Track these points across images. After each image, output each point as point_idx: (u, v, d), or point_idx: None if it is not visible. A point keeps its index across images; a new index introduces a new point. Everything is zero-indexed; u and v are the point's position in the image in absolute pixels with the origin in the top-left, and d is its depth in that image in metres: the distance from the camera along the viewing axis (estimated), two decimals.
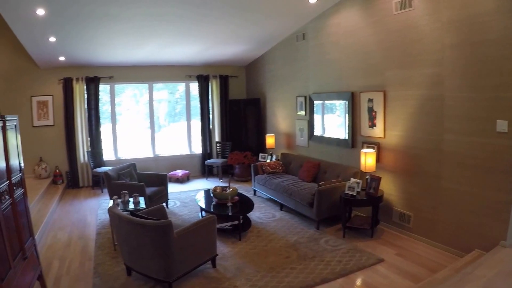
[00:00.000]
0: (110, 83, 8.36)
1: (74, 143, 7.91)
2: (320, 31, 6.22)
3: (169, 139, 9.28)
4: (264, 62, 8.51)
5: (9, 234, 2.81)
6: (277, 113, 8.15)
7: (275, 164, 6.76)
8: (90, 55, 7.24)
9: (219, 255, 4.23)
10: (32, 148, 7.71)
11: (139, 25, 5.88)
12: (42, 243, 4.85)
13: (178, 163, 8.99)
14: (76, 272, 3.99)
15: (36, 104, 7.77)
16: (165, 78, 8.86)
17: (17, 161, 3.32)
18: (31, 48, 6.27)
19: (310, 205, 5.06)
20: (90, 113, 8.01)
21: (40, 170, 7.66)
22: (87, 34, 5.97)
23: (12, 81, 7.56)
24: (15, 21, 4.88)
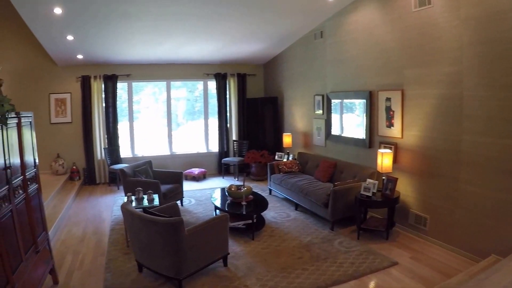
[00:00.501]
0: (127, 81, 8.52)
1: (91, 140, 8.11)
2: (338, 29, 6.16)
3: (187, 137, 9.38)
4: (282, 60, 8.50)
5: (21, 228, 2.92)
6: (294, 112, 8.12)
7: (292, 164, 6.74)
8: (108, 53, 7.40)
9: (231, 254, 4.26)
10: (50, 144, 7.97)
11: (156, 24, 5.98)
12: (57, 237, 5.00)
13: (195, 161, 9.09)
14: (88, 267, 4.09)
15: (54, 102, 8.00)
16: (183, 76, 8.96)
17: (32, 157, 3.44)
18: (49, 46, 6.47)
19: (325, 205, 5.03)
20: (108, 110, 8.19)
21: (57, 166, 7.89)
22: (104, 32, 6.11)
23: (30, 79, 7.81)
24: (33, 20, 5.05)
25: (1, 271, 2.44)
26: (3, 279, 2.45)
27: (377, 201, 4.54)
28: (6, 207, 2.68)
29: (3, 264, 2.47)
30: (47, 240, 3.56)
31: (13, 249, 2.72)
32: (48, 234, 3.62)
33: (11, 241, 2.69)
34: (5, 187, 2.71)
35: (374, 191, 4.56)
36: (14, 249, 2.74)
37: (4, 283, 2.45)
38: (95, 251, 4.55)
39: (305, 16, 6.23)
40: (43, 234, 3.48)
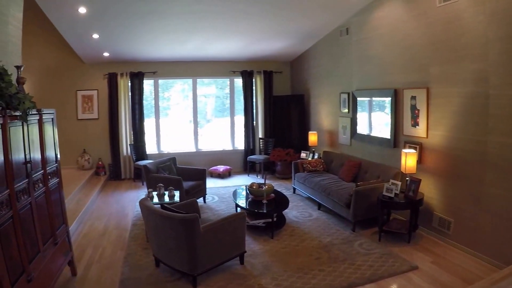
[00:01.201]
0: (154, 78, 8.76)
1: (118, 136, 8.41)
2: (363, 26, 6.07)
3: (214, 134, 9.54)
4: (309, 57, 8.46)
5: (40, 220, 3.09)
6: (320, 109, 8.07)
7: (316, 162, 6.71)
8: (133, 51, 7.64)
9: (248, 252, 4.32)
10: (76, 140, 8.37)
11: (179, 22, 6.12)
12: (79, 231, 5.24)
13: (220, 159, 9.22)
14: (107, 260, 4.26)
15: (81, 98, 8.37)
16: (209, 74, 9.10)
17: (53, 153, 3.62)
18: (76, 44, 6.77)
19: (347, 205, 4.98)
20: (134, 107, 8.45)
21: (83, 161, 8.25)
22: (128, 31, 6.32)
23: (58, 76, 8.20)
24: (58, 20, 5.31)
25: (18, 260, 2.61)
26: (20, 268, 2.61)
27: (399, 202, 4.44)
28: (26, 200, 2.85)
29: (20, 254, 2.63)
30: (67, 232, 3.75)
31: (31, 240, 2.89)
32: (67, 227, 3.80)
33: (29, 232, 2.86)
34: (24, 180, 2.88)
35: (397, 192, 4.47)
36: (32, 240, 2.91)
37: (20, 272, 2.61)
38: (115, 245, 4.73)
39: (330, 12, 6.18)
40: (63, 227, 3.67)
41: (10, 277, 2.43)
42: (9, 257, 2.47)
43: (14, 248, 2.57)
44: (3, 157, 2.53)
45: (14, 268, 2.52)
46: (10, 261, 2.48)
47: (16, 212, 2.64)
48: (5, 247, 2.43)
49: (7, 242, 2.47)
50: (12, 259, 2.51)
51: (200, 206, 6.36)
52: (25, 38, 7.45)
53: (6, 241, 2.45)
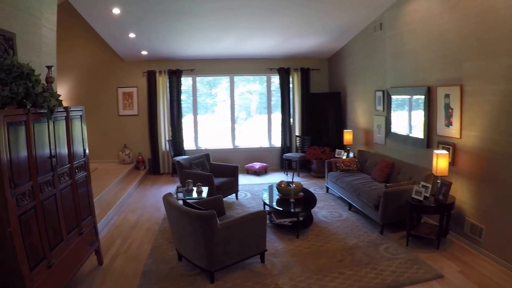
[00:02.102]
0: (192, 76, 9.04)
1: (156, 132, 8.78)
2: (397, 20, 5.88)
3: (251, 131, 9.68)
4: (345, 54, 8.34)
5: (65, 211, 3.33)
6: (356, 108, 7.94)
7: (350, 162, 6.60)
8: (170, 49, 7.92)
9: (271, 251, 4.38)
10: (117, 135, 8.88)
11: (214, 19, 6.27)
12: (112, 222, 5.56)
13: (256, 156, 9.33)
14: (133, 252, 4.50)
15: (122, 95, 8.84)
16: (246, 71, 9.22)
17: (81, 148, 3.86)
18: (114, 43, 7.16)
19: (376, 207, 4.87)
20: (172, 104, 8.77)
21: (124, 156, 8.71)
22: (164, 29, 6.58)
23: (100, 73, 8.72)
24: (94, 20, 5.66)
25: (39, 247, 2.85)
26: (40, 254, 2.85)
27: (428, 206, 4.25)
28: (50, 191, 3.10)
29: (41, 241, 2.88)
30: (93, 223, 4.01)
31: (54, 229, 3.14)
32: (94, 218, 4.06)
33: (52, 222, 3.11)
34: (49, 173, 3.13)
35: (427, 195, 4.29)
36: (55, 229, 3.16)
37: (41, 258, 2.86)
38: (144, 237, 4.97)
39: (364, 6, 6.05)
40: (89, 218, 3.92)
41: (29, 261, 2.67)
42: (30, 244, 2.71)
43: (35, 236, 2.81)
44: (26, 151, 2.79)
45: (34, 254, 2.76)
46: (31, 247, 2.72)
47: (38, 203, 2.88)
48: (26, 234, 2.67)
49: (28, 229, 2.71)
50: (32, 245, 2.75)
51: (232, 202, 6.52)
52: (69, 37, 8.11)
53: (26, 228, 2.69)
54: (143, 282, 3.76)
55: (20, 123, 2.73)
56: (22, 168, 2.72)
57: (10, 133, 2.58)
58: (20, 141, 2.71)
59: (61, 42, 8.18)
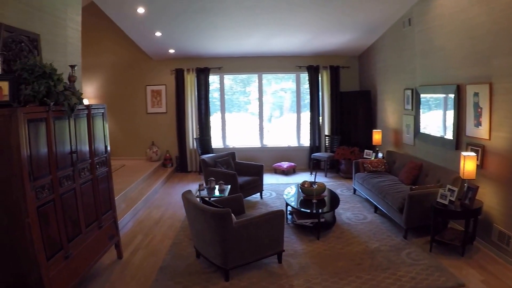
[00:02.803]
0: (219, 74, 9.20)
1: (184, 130, 9.01)
2: (425, 15, 5.72)
3: (280, 130, 9.71)
4: (374, 51, 8.22)
5: (84, 205, 3.53)
6: (386, 107, 7.80)
7: (378, 163, 6.50)
8: (197, 47, 8.09)
9: (290, 251, 4.42)
10: (145, 133, 9.19)
11: (240, 17, 6.37)
12: (136, 218, 5.79)
13: (285, 155, 9.36)
14: (153, 248, 4.67)
15: (150, 93, 9.14)
16: (274, 69, 9.26)
17: (103, 145, 4.04)
18: (141, 42, 7.42)
19: (400, 210, 4.78)
20: (200, 102, 8.96)
21: (151, 153, 9.00)
22: (190, 28, 6.73)
23: (129, 72, 9.06)
24: (121, 20, 5.90)
25: (57, 238, 3.05)
26: (58, 245, 3.05)
27: (453, 211, 4.12)
28: (70, 185, 3.29)
29: (59, 232, 3.08)
30: (114, 218, 4.20)
31: (73, 222, 3.33)
32: (115, 213, 4.25)
33: (71, 214, 3.30)
34: (69, 168, 3.33)
35: (452, 199, 4.17)
36: (74, 221, 3.35)
37: (58, 249, 3.05)
38: (165, 233, 5.14)
39: (392, 1, 5.93)
40: (110, 212, 4.11)
41: (46, 251, 2.87)
42: (47, 235, 2.91)
43: (53, 227, 3.01)
44: (46, 147, 2.99)
45: (51, 244, 2.96)
46: (48, 238, 2.92)
47: (57, 196, 3.08)
48: (44, 225, 2.87)
49: (46, 221, 2.91)
50: (50, 236, 2.95)
51: (256, 201, 6.60)
52: (98, 36, 8.48)
53: (45, 220, 2.89)
54: (159, 277, 3.91)
55: (41, 120, 2.93)
56: (42, 162, 2.92)
57: (30, 129, 2.77)
58: (40, 137, 2.90)
59: (91, 42, 8.68)
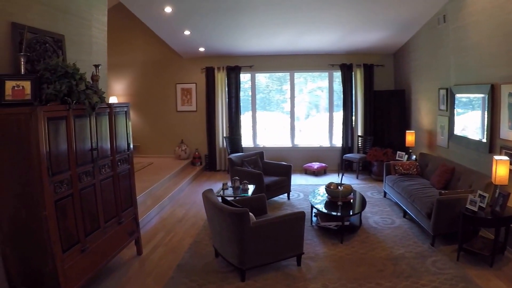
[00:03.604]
0: (251, 72, 9.28)
1: (214, 128, 9.17)
2: (460, 11, 5.53)
3: (312, 129, 9.68)
4: (409, 49, 8.02)
5: (104, 200, 3.70)
6: (420, 107, 7.60)
7: (410, 165, 6.35)
8: (227, 45, 8.21)
9: (310, 254, 4.44)
10: (175, 131, 9.45)
11: (269, 15, 6.41)
12: (159, 215, 5.97)
13: (316, 155, 9.31)
14: (173, 245, 4.81)
15: (180, 91, 9.37)
16: (306, 67, 9.23)
17: (125, 142, 4.21)
18: (170, 41, 7.62)
19: (429, 216, 4.65)
20: (231, 100, 9.08)
21: (180, 151, 9.23)
22: (218, 26, 6.85)
23: (160, 70, 9.33)
24: (148, 19, 6.10)
25: (74, 232, 3.23)
26: (75, 238, 3.23)
27: (483, 218, 3.96)
28: (89, 181, 3.47)
29: (77, 226, 3.26)
30: (134, 215, 4.36)
31: (92, 216, 3.51)
32: (135, 210, 4.41)
33: (90, 209, 3.48)
34: (90, 165, 3.51)
35: (483, 205, 4.01)
36: (93, 216, 3.53)
37: (75, 242, 3.23)
38: (187, 232, 5.28)
39: None
40: (130, 209, 4.28)
41: (62, 244, 3.05)
42: (64, 228, 3.09)
43: (71, 221, 3.19)
44: (66, 144, 3.17)
45: (68, 237, 3.14)
46: (65, 231, 3.10)
47: (76, 191, 3.26)
48: (61, 219, 3.06)
49: (63, 214, 3.09)
50: (67, 229, 3.13)
51: (282, 202, 6.63)
52: (129, 34, 8.81)
53: (62, 214, 3.08)
54: (175, 275, 4.03)
55: (61, 118, 3.11)
56: (61, 159, 3.10)
57: (49, 127, 2.96)
58: (60, 134, 3.08)
59: (123, 41, 9.06)
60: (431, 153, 6.76)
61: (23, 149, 2.91)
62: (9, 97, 3.03)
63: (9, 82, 3.04)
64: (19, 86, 3.06)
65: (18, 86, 3.06)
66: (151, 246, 4.77)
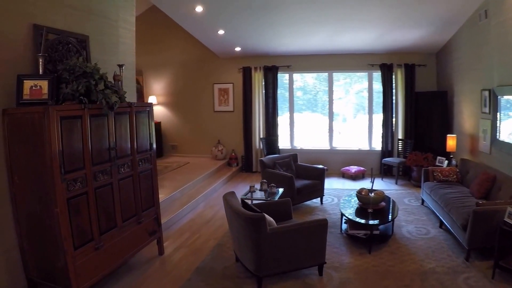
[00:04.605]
0: (288, 72, 9.10)
1: (251, 129, 9.07)
2: (503, 4, 5.04)
3: (352, 132, 9.33)
4: (451, 48, 7.49)
5: (121, 199, 3.70)
6: (462, 109, 7.06)
7: (449, 171, 5.90)
8: (263, 44, 8.09)
9: (334, 264, 4.23)
10: (212, 131, 9.47)
11: (305, 12, 6.22)
12: (187, 215, 5.95)
13: (354, 159, 8.97)
14: (196, 247, 4.75)
15: (218, 91, 9.37)
16: (345, 67, 8.91)
17: (147, 142, 4.18)
18: (205, 40, 7.62)
19: (464, 227, 4.26)
20: (268, 101, 8.94)
21: (216, 151, 9.22)
22: (252, 25, 6.75)
23: (197, 69, 9.38)
24: (181, 19, 6.10)
25: (88, 229, 3.25)
26: (88, 236, 3.25)
27: None
28: (106, 180, 3.48)
29: (91, 224, 3.28)
30: (156, 214, 4.33)
31: (108, 215, 3.52)
32: (158, 210, 4.37)
33: (106, 208, 3.49)
34: (107, 164, 3.52)
35: None
36: (109, 215, 3.54)
37: (89, 239, 3.25)
38: (212, 234, 5.20)
39: None
40: (152, 209, 4.26)
41: (74, 241, 3.08)
42: (77, 225, 3.12)
43: (85, 219, 3.22)
44: (82, 143, 3.19)
45: (81, 234, 3.17)
46: (78, 228, 3.13)
47: (91, 189, 3.28)
48: (74, 216, 3.09)
49: (76, 212, 3.12)
50: (80, 227, 3.16)
51: (314, 207, 6.41)
52: (168, 34, 8.96)
53: (75, 211, 3.11)
54: (192, 277, 3.97)
55: (76, 117, 3.13)
56: (75, 157, 3.13)
57: (63, 126, 2.98)
58: (74, 133, 3.11)
59: (161, 41, 9.24)
60: (472, 159, 6.26)
61: (37, 147, 2.97)
62: (27, 97, 3.11)
63: (27, 82, 3.12)
64: (36, 86, 3.12)
65: (36, 86, 3.12)
66: (174, 246, 4.75)
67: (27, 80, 3.12)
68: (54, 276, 3.19)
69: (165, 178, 7.39)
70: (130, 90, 4.78)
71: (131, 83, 4.80)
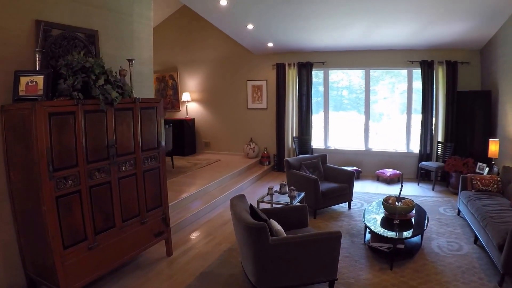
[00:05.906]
0: (323, 69, 8.61)
1: (284, 127, 8.66)
2: None
3: (390, 132, 8.70)
4: (496, 44, 6.63)
5: (121, 198, 3.50)
6: (508, 111, 6.23)
7: (490, 180, 5.19)
8: (296, 40, 7.66)
9: (350, 280, 3.76)
10: (244, 129, 9.19)
11: (339, 5, 5.79)
12: (206, 215, 5.67)
13: (390, 161, 8.33)
14: (206, 249, 4.47)
15: (251, 88, 9.06)
16: (382, 64, 8.26)
17: (155, 140, 3.95)
18: (236, 36, 7.32)
19: (500, 248, 3.65)
20: (301, 98, 8.50)
21: (248, 149, 8.94)
22: (284, 19, 6.36)
23: (231, 66, 9.15)
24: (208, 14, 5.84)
25: (80, 228, 3.08)
26: (81, 235, 3.08)
27: None
28: (103, 178, 3.29)
29: (84, 223, 3.10)
30: (164, 215, 4.09)
31: (104, 215, 3.32)
32: (165, 209, 4.11)
33: (103, 207, 3.30)
34: (105, 161, 3.31)
35: None
36: (106, 214, 3.34)
37: (81, 239, 3.08)
38: (226, 237, 4.87)
39: None
40: (159, 209, 4.02)
41: (64, 240, 2.92)
42: (68, 224, 2.95)
43: (77, 217, 3.05)
44: (74, 140, 3.00)
45: (72, 233, 3.00)
46: (69, 227, 2.96)
47: (84, 188, 3.10)
48: (64, 215, 2.93)
49: (67, 210, 2.96)
50: (71, 226, 2.99)
51: (341, 212, 5.94)
52: (202, 31, 8.77)
53: (65, 209, 2.95)
54: (193, 283, 3.69)
55: (68, 113, 2.94)
56: (66, 154, 2.95)
57: (52, 122, 2.80)
58: (65, 130, 2.93)
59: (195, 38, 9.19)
60: None
61: (28, 143, 2.82)
62: (23, 93, 2.97)
63: (23, 78, 2.99)
64: (32, 81, 2.98)
65: (32, 81, 2.98)
66: (184, 248, 4.50)
67: (24, 76, 2.99)
68: (46, 274, 3.06)
69: (192, 176, 7.19)
70: (147, 85, 4.61)
71: (148, 78, 4.61)
